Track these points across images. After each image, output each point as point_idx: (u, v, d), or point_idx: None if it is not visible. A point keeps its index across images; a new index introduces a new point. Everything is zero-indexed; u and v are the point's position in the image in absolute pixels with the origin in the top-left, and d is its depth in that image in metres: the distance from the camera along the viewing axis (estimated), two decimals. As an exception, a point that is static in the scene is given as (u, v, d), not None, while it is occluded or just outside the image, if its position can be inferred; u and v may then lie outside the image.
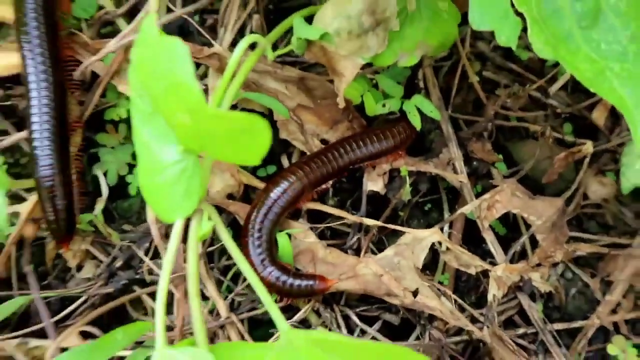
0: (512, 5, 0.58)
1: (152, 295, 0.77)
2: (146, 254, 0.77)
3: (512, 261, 0.87)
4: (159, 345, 0.53)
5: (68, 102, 0.71)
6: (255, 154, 0.52)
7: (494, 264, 0.84)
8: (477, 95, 0.95)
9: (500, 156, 0.92)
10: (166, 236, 0.74)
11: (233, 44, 0.79)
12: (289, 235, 0.77)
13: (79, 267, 0.79)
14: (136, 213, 0.85)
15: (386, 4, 0.65)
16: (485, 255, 0.87)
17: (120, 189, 0.83)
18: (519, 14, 0.59)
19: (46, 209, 0.67)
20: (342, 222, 0.82)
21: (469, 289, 0.87)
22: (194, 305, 0.57)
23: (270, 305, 0.58)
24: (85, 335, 0.71)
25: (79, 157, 0.74)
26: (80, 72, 0.72)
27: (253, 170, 0.83)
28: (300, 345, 0.56)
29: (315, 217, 0.83)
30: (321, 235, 0.83)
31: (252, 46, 0.70)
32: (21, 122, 0.84)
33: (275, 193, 0.74)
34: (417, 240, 0.78)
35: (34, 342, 0.68)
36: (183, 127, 0.54)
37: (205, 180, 0.60)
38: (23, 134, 0.79)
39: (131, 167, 0.83)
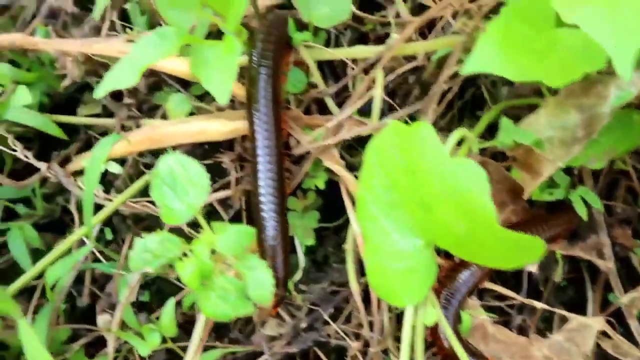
0: None
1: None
2: (331, 318, 0.82)
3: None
4: None
5: (284, 175, 0.77)
6: (515, 265, 0.57)
7: None
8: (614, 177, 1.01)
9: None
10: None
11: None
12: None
13: (262, 324, 0.85)
14: (305, 272, 0.89)
15: (602, 119, 0.71)
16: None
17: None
18: None
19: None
20: (507, 302, 0.87)
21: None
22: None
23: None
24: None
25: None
26: (300, 150, 0.78)
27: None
28: None
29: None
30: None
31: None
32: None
33: (462, 277, 0.79)
34: (584, 327, 0.83)
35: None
36: (448, 229, 0.59)
37: (436, 271, 0.66)
38: (220, 194, 0.84)
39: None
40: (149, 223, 0.90)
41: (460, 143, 0.76)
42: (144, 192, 0.83)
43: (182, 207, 0.62)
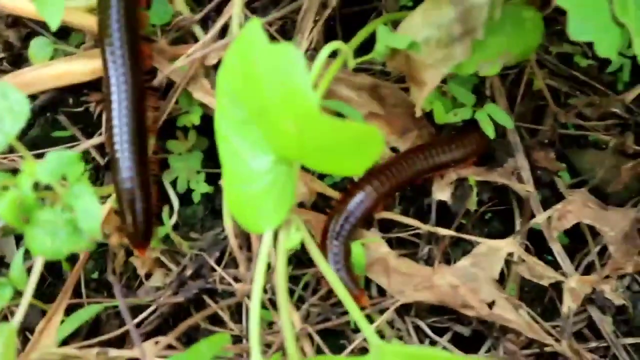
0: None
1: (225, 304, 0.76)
2: (217, 263, 0.76)
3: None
4: (255, 357, 0.52)
5: (146, 109, 0.71)
6: (362, 165, 0.51)
7: (563, 275, 0.83)
8: (537, 103, 0.94)
9: (564, 165, 0.91)
10: (240, 248, 0.73)
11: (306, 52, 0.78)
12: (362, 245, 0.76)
13: (147, 276, 0.79)
14: (200, 220, 0.84)
15: (478, 13, 0.64)
16: (549, 266, 0.86)
17: (184, 196, 0.83)
18: (620, 24, 0.58)
19: (125, 213, 0.66)
20: (411, 232, 0.81)
21: (532, 300, 0.86)
22: (284, 316, 0.56)
23: (360, 318, 0.57)
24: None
25: (153, 161, 0.73)
26: (159, 80, 0.72)
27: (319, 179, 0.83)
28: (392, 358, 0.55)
29: (382, 228, 0.82)
30: (388, 245, 0.81)
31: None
32: (88, 128, 0.84)
33: (352, 204, 0.73)
34: (493, 251, 0.76)
35: (113, 352, 0.67)
36: (285, 135, 0.53)
37: (295, 189, 0.59)
38: (94, 140, 0.79)
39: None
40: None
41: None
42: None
43: (-1, 136, 0.55)
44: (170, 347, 0.71)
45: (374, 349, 0.55)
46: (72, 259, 0.77)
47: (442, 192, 0.83)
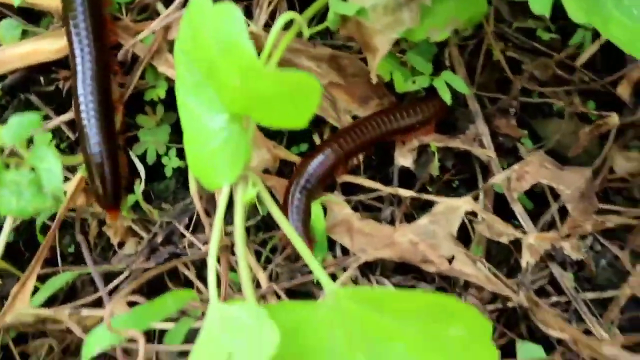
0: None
1: (194, 268, 0.79)
2: (186, 229, 0.79)
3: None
4: (213, 300, 0.55)
5: (112, 82, 0.74)
6: (303, 115, 0.54)
7: (524, 233, 0.86)
8: (500, 74, 0.97)
9: (526, 132, 0.94)
10: (206, 212, 0.76)
11: (267, 25, 0.82)
12: (324, 209, 0.79)
13: (121, 245, 0.82)
14: (172, 193, 0.87)
15: (420, -23, 0.67)
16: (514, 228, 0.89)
17: (156, 172, 0.86)
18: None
19: (94, 179, 0.69)
20: (374, 195, 0.84)
21: (500, 262, 0.89)
22: (242, 265, 0.59)
23: (316, 267, 0.60)
24: (132, 306, 0.73)
25: (120, 134, 0.76)
26: (122, 54, 0.75)
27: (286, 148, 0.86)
28: (348, 303, 0.57)
29: (348, 193, 0.85)
30: (354, 211, 0.84)
31: (287, 26, 0.72)
32: (60, 107, 0.87)
33: (312, 165, 0.76)
34: (451, 209, 0.79)
35: (86, 312, 0.70)
36: (232, 91, 0.56)
37: (250, 146, 0.62)
38: (65, 116, 0.82)
39: (167, 149, 0.85)
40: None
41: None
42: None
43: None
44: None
45: (329, 293, 0.58)
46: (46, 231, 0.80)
47: (404, 159, 0.86)
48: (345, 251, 0.80)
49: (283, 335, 0.53)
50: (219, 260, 0.76)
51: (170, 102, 0.83)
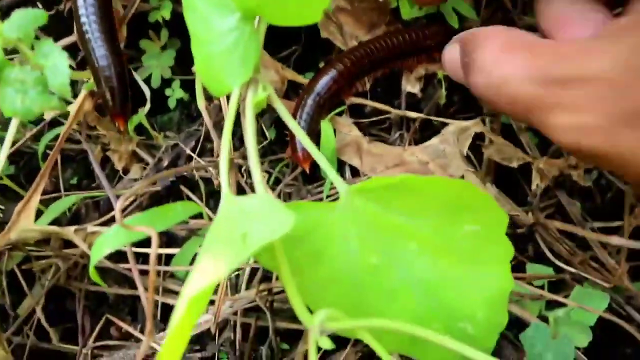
0: None
1: (201, 195, 0.78)
2: (193, 151, 0.78)
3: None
4: (225, 192, 0.53)
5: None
6: (316, 10, 0.53)
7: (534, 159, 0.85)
8: (504, 15, 0.97)
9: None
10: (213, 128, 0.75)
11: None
12: (334, 130, 0.78)
13: (125, 171, 0.80)
14: (176, 124, 0.86)
15: None
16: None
17: (159, 104, 0.84)
18: None
19: (102, 88, 0.68)
20: (382, 119, 0.83)
21: (507, 191, 0.88)
22: (254, 163, 0.58)
23: (328, 168, 0.58)
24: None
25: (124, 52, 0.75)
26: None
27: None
28: (362, 202, 0.57)
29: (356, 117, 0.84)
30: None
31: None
32: (58, 35, 0.85)
33: (320, 84, 0.75)
34: (461, 130, 0.79)
35: (91, 229, 0.69)
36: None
37: (260, 46, 0.61)
38: (65, 40, 0.80)
39: (168, 82, 0.84)
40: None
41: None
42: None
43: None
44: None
45: (342, 193, 0.57)
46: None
47: (411, 86, 0.85)
48: (354, 172, 0.79)
49: (296, 236, 0.52)
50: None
51: (174, 26, 0.82)
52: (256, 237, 0.47)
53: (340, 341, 0.71)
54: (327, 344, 0.47)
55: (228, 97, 0.61)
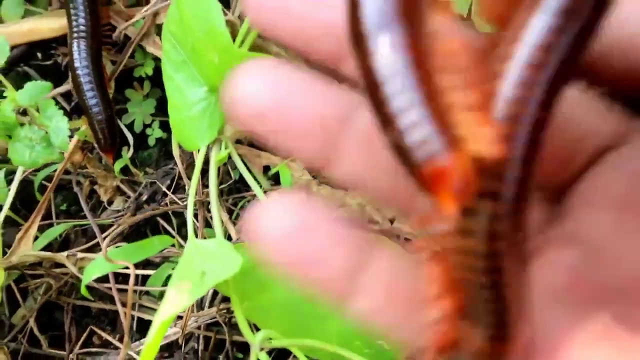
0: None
1: (175, 225, 0.92)
2: (168, 189, 0.92)
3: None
4: (190, 236, 0.68)
5: (103, 58, 0.86)
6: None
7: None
8: None
9: None
10: (187, 176, 0.89)
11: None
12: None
13: (110, 203, 0.94)
14: (155, 161, 1.00)
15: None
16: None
17: (140, 142, 0.98)
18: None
19: (95, 128, 0.82)
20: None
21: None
22: (214, 209, 0.72)
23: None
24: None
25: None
26: (116, 35, 0.87)
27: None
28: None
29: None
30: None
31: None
32: (56, 81, 0.98)
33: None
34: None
35: (80, 255, 0.82)
36: (211, 68, 0.69)
37: (224, 115, 0.76)
38: (61, 88, 0.93)
39: (151, 122, 0.98)
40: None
41: None
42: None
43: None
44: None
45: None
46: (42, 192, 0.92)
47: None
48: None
49: (246, 268, 0.67)
50: (196, 216, 0.89)
51: (155, 79, 0.96)
52: (212, 276, 0.61)
53: (285, 353, 0.85)
54: (265, 359, 0.62)
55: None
